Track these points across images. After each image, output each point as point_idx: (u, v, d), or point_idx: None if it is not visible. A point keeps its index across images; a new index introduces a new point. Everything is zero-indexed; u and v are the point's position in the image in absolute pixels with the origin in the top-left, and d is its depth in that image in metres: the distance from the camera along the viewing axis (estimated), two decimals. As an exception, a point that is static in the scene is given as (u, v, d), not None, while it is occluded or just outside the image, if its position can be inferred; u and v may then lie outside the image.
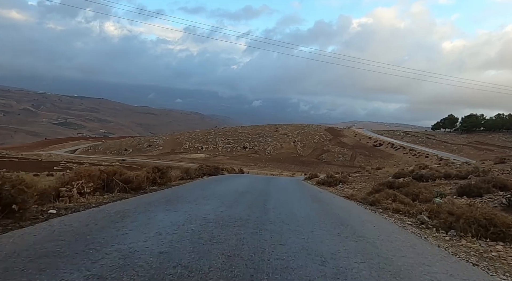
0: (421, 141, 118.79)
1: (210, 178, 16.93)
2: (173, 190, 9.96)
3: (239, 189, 11.00)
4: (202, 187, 11.19)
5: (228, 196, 8.80)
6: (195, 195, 8.48)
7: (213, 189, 10.73)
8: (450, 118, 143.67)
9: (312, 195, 11.55)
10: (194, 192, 9.36)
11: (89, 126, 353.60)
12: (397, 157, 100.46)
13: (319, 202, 9.07)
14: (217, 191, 9.90)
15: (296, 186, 16.03)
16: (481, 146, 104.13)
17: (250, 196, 9.08)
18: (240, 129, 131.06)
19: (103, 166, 46.71)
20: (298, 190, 13.71)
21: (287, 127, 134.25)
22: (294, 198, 10.08)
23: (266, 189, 12.19)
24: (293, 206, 7.82)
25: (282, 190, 12.39)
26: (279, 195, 10.29)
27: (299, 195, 11.20)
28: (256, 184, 14.02)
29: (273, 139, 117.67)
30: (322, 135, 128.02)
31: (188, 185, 12.53)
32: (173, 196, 8.16)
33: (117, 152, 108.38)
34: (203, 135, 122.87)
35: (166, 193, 9.10)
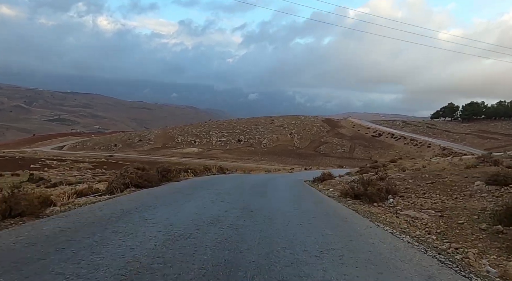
0: (422, 130, 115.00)
1: (130, 197, 7.93)
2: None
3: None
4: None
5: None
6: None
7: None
8: (450, 106, 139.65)
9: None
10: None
11: (83, 122, 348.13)
12: (398, 148, 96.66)
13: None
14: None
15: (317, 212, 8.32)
16: (485, 134, 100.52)
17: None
18: (234, 122, 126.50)
19: (86, 162, 41.21)
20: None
21: (283, 119, 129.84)
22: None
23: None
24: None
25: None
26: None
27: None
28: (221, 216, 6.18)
29: (268, 132, 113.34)
30: (320, 126, 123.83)
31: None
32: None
33: (106, 148, 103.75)
34: (196, 129, 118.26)
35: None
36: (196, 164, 76.27)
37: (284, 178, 19.81)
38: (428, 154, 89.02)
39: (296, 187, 13.34)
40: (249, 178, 17.89)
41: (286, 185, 13.62)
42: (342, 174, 18.78)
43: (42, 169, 50.62)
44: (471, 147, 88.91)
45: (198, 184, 11.48)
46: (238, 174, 22.87)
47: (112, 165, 60.44)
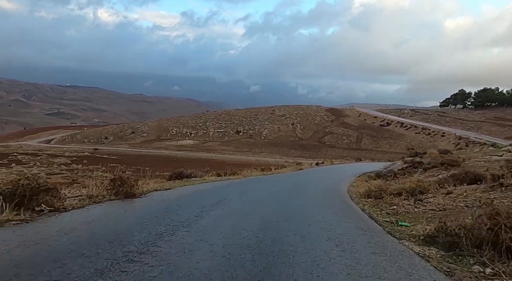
0: (433, 119, 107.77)
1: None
2: None
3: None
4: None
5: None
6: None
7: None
8: (461, 93, 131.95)
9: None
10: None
11: (83, 116, 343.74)
12: (409, 137, 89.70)
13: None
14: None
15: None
16: (503, 122, 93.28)
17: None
18: (233, 113, 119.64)
19: (65, 156, 33.65)
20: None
21: (284, 109, 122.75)
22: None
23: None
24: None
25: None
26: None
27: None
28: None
29: (269, 122, 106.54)
30: (323, 116, 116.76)
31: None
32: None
33: (97, 141, 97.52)
34: (193, 120, 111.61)
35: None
36: (189, 158, 69.95)
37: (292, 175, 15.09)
38: (443, 143, 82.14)
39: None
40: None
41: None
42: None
43: (9, 165, 44.38)
44: (489, 136, 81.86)
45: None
46: (254, 178, 15.63)
47: (95, 160, 54.13)
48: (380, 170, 17.01)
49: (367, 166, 31.17)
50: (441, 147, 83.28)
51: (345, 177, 16.52)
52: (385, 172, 14.78)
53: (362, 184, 12.23)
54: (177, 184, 9.53)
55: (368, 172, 18.74)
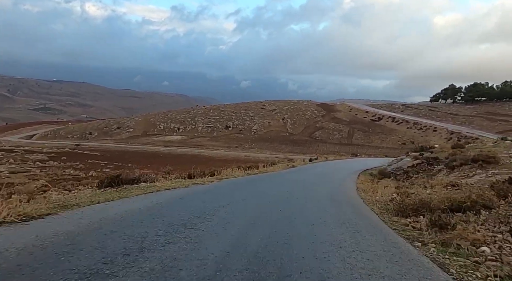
0: (424, 114, 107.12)
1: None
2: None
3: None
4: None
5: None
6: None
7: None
8: (452, 88, 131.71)
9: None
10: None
11: (70, 111, 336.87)
12: (401, 132, 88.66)
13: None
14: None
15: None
16: (494, 117, 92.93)
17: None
18: (222, 107, 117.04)
19: (43, 153, 30.31)
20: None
21: (275, 104, 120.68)
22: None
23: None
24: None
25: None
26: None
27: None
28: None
29: (259, 117, 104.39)
30: (314, 111, 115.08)
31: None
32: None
33: (80, 136, 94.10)
34: (181, 115, 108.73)
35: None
36: (176, 154, 67.45)
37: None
38: (435, 138, 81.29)
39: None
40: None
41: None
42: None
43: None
44: (481, 130, 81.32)
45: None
46: (233, 180, 11.90)
47: (75, 156, 51.41)
48: (382, 166, 15.15)
49: (365, 162, 29.35)
50: (433, 141, 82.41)
51: (346, 176, 14.47)
52: (392, 169, 12.81)
53: (372, 186, 10.18)
54: (95, 197, 5.99)
55: (369, 169, 16.95)
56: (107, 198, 5.95)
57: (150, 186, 7.81)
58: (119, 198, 6.03)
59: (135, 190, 7.07)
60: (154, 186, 7.85)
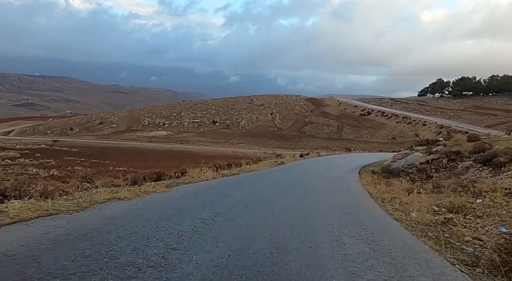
0: (413, 108, 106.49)
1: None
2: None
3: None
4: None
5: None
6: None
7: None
8: (440, 82, 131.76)
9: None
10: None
11: (54, 107, 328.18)
12: (390, 127, 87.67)
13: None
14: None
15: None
16: (482, 111, 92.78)
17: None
18: (209, 102, 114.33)
19: (15, 149, 26.86)
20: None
21: (263, 98, 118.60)
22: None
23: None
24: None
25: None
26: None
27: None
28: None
29: (247, 112, 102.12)
30: (303, 105, 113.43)
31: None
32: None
33: (61, 132, 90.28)
34: (166, 110, 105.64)
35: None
36: (160, 150, 64.83)
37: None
38: (424, 132, 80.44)
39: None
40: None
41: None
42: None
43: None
44: (469, 124, 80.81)
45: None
46: (196, 188, 8.08)
47: (51, 153, 48.28)
48: (383, 162, 13.30)
49: (360, 157, 27.54)
50: (422, 136, 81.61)
51: (346, 174, 12.55)
52: (402, 166, 10.69)
53: (386, 189, 8.04)
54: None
55: (367, 166, 15.20)
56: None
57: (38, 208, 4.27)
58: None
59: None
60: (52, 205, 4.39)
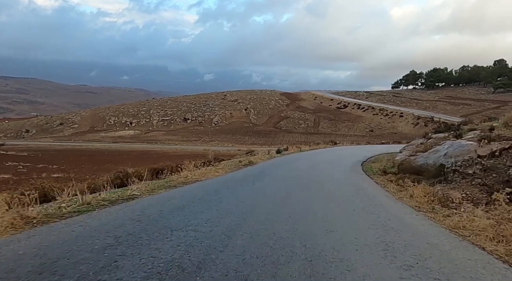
0: (389, 100, 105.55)
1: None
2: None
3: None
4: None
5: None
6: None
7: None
8: (413, 74, 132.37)
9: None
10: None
11: (17, 109, 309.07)
12: (367, 119, 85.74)
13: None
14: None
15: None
16: (456, 101, 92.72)
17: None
18: (180, 99, 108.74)
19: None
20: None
21: (237, 94, 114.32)
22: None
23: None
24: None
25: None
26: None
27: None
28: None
29: (220, 108, 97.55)
30: (278, 100, 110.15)
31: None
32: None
33: (16, 135, 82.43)
34: (134, 108, 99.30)
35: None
36: (124, 151, 59.36)
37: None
38: (401, 124, 79.12)
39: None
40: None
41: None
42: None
43: None
44: (445, 114, 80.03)
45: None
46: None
47: None
48: (382, 156, 9.85)
49: (351, 151, 23.96)
50: (400, 127, 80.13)
51: (355, 182, 8.55)
52: (449, 164, 6.47)
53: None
54: None
55: (365, 161, 11.73)
56: None
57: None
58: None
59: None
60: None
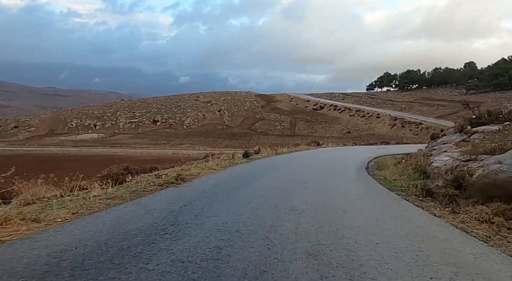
0: (365, 101, 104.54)
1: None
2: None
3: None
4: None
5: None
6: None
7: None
8: (387, 76, 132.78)
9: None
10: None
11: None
12: (344, 120, 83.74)
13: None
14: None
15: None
16: (430, 102, 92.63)
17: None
18: (150, 101, 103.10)
19: None
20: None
21: (210, 95, 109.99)
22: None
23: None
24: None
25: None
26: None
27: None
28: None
29: (193, 109, 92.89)
30: (253, 101, 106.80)
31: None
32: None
33: (-37, 140, 74.31)
34: (100, 110, 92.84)
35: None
36: (83, 155, 53.93)
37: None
38: (379, 125, 77.54)
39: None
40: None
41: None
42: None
43: None
44: (422, 115, 79.37)
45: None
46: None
47: None
48: (384, 160, 6.39)
49: (342, 153, 20.32)
50: (378, 128, 78.53)
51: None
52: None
53: None
54: None
55: (368, 168, 8.12)
56: None
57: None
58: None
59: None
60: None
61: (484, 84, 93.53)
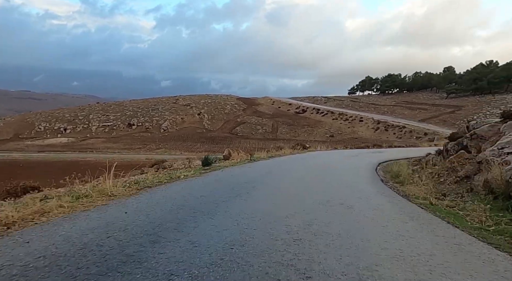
0: (347, 104, 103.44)
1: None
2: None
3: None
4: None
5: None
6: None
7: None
8: (368, 79, 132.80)
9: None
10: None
11: None
12: (327, 124, 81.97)
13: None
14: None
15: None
16: (412, 105, 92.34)
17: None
18: (126, 104, 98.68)
19: None
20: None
21: (190, 98, 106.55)
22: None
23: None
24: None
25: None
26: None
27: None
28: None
29: (171, 113, 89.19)
30: (234, 105, 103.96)
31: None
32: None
33: None
34: (71, 113, 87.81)
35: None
36: (47, 161, 49.61)
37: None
38: (362, 128, 76.02)
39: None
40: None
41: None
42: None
43: None
44: (404, 119, 78.59)
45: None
46: None
47: None
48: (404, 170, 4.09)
49: (336, 157, 17.64)
50: (361, 132, 77.06)
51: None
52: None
53: None
54: None
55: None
56: None
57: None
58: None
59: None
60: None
61: (464, 88, 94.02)
